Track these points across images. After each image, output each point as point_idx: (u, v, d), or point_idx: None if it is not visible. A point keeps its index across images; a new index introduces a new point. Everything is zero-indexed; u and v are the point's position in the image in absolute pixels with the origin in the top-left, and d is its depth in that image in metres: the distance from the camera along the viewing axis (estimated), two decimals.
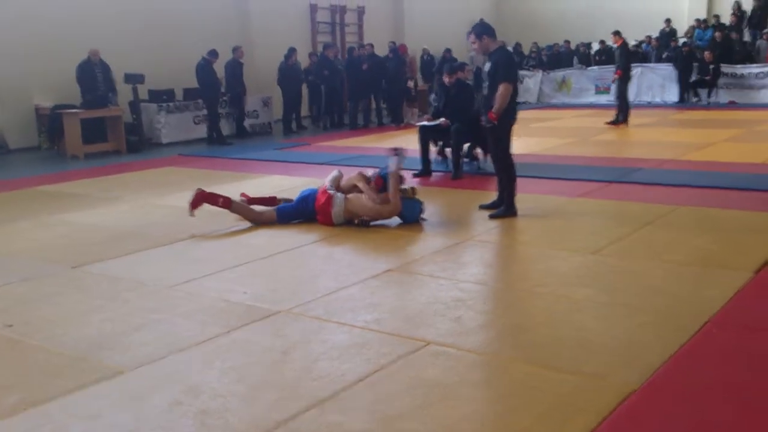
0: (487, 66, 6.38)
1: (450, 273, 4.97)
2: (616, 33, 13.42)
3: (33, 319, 4.35)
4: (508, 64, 6.29)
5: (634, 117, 14.23)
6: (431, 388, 3.30)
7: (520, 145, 10.72)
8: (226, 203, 6.49)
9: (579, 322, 3.98)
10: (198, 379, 3.48)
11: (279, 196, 7.10)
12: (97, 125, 12.39)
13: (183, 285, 4.88)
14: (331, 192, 6.33)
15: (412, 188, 6.57)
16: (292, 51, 14.58)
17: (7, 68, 12.49)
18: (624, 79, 13.52)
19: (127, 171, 10.26)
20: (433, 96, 11.29)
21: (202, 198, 6.47)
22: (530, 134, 12.57)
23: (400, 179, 6.37)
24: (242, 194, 7.06)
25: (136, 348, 3.86)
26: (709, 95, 17.51)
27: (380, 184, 6.37)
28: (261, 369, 3.58)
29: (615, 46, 13.88)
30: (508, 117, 6.33)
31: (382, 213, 6.30)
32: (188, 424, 3.07)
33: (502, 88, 6.18)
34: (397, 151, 6.38)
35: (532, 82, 20.27)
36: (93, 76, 12.27)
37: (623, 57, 13.56)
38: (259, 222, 6.51)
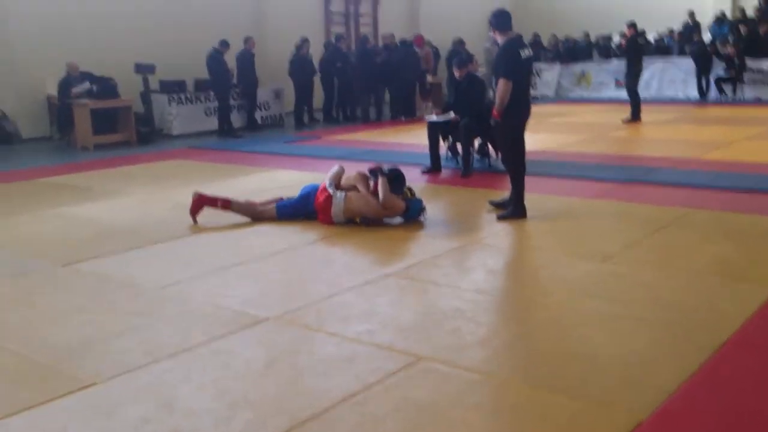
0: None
1: (451, 279, 4.71)
2: (631, 25, 12.95)
3: (11, 321, 4.15)
4: (506, 58, 5.96)
5: (655, 113, 13.83)
6: (420, 411, 3.05)
7: (534, 141, 10.41)
8: (226, 205, 6.27)
9: (585, 338, 3.70)
10: (173, 394, 3.25)
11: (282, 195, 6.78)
12: (108, 116, 12.20)
13: (172, 286, 4.66)
14: (331, 191, 6.07)
15: (410, 189, 6.23)
16: (303, 41, 14.30)
17: (22, 57, 12.35)
18: (631, 74, 13.06)
19: (135, 163, 10.08)
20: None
21: (201, 202, 6.25)
22: (545, 130, 12.23)
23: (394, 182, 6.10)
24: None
25: (113, 356, 3.63)
26: (734, 91, 17.00)
27: (375, 186, 6.12)
28: (241, 383, 3.34)
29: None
30: (512, 114, 6.01)
31: (384, 213, 6.04)
32: None
33: (500, 84, 5.89)
34: (375, 170, 6.14)
35: (549, 75, 19.84)
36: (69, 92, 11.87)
37: (630, 51, 13.10)
38: (260, 218, 6.29)
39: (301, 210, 6.26)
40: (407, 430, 2.90)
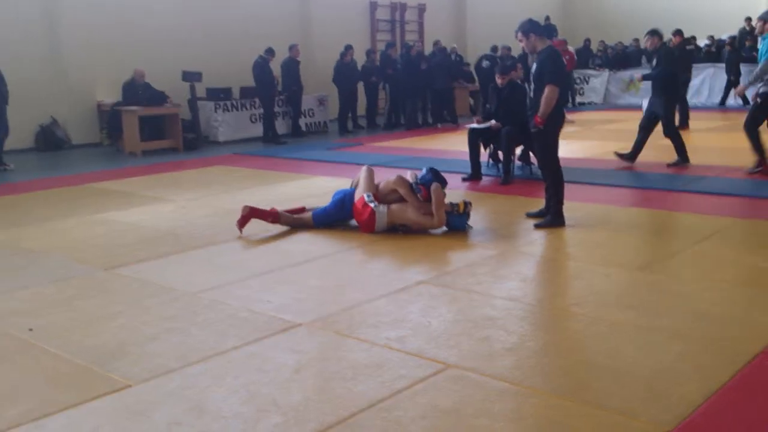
0: (534, 67, 6.07)
1: (484, 287, 4.71)
2: (677, 32, 12.76)
3: (53, 324, 4.29)
4: (555, 64, 5.96)
5: (704, 120, 13.58)
6: (445, 418, 3.06)
7: (578, 148, 10.37)
8: (275, 218, 6.33)
9: (614, 348, 3.67)
10: (204, 397, 3.32)
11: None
12: (156, 123, 12.53)
13: (208, 292, 4.76)
14: (372, 205, 6.10)
15: (464, 202, 6.13)
16: (347, 48, 14.45)
17: (72, 65, 12.76)
18: (679, 82, 12.87)
19: (180, 169, 10.31)
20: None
21: (250, 216, 6.27)
22: (591, 137, 12.12)
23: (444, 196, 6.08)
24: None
25: (147, 359, 3.74)
26: None
27: (426, 195, 6.13)
28: (271, 388, 3.40)
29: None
30: (554, 121, 6.01)
31: (426, 225, 6.06)
32: None
33: (548, 91, 5.87)
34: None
35: (598, 81, 19.63)
36: (135, 96, 12.25)
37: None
38: (299, 227, 6.36)
39: (337, 216, 6.33)
40: None
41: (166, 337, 4.03)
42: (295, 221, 6.41)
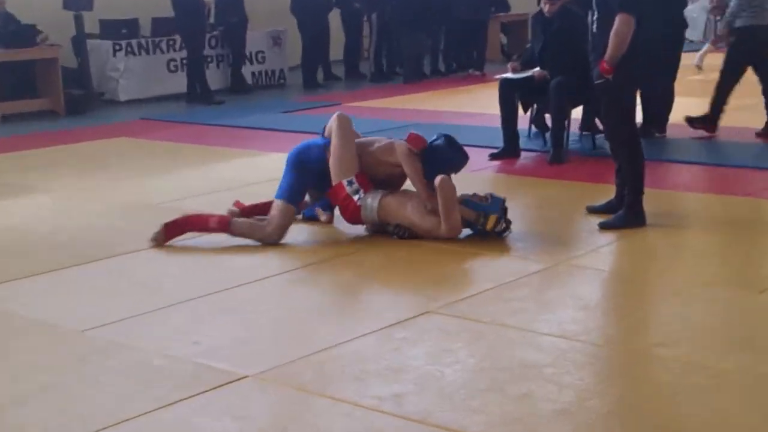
0: None
1: (523, 319, 4.76)
2: None
3: None
4: None
5: None
6: None
7: None
8: (223, 225, 6.18)
9: (720, 409, 3.71)
10: None
11: None
12: (24, 73, 12.58)
13: (106, 327, 4.78)
14: (357, 198, 6.15)
15: (495, 214, 6.05)
16: None
17: None
18: None
19: (62, 142, 10.42)
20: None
21: (176, 230, 6.16)
22: (685, 93, 12.16)
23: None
24: (236, 203, 6.69)
25: None
26: None
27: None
28: None
29: None
30: (629, 68, 6.04)
31: (432, 232, 6.04)
32: None
33: (618, 23, 5.90)
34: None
35: (695, 10, 19.73)
36: None
37: None
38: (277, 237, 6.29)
39: (306, 181, 6.42)
40: None
41: (40, 398, 4.04)
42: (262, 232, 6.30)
